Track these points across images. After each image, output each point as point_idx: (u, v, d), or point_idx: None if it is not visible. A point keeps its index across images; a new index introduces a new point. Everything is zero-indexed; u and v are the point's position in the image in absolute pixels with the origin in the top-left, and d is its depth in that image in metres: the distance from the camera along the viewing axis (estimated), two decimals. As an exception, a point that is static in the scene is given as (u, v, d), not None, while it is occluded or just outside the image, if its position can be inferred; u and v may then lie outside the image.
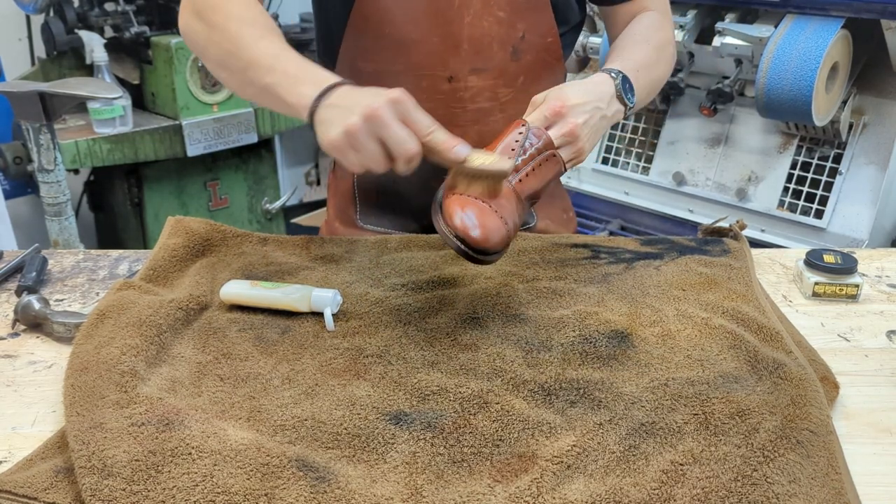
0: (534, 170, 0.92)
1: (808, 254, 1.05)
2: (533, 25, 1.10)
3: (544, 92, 0.98)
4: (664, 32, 1.16)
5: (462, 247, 0.83)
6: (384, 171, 0.84)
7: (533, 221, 1.23)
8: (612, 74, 1.01)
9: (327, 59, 1.15)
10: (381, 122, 0.81)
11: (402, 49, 1.07)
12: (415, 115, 0.83)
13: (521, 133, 0.92)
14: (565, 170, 0.95)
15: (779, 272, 1.11)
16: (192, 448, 0.68)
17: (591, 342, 0.87)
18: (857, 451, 0.74)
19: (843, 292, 1.02)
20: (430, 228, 1.14)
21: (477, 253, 0.84)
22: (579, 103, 0.95)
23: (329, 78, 0.89)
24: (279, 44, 0.95)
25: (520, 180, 0.91)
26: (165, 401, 0.75)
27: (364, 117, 0.81)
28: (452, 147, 0.83)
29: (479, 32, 1.07)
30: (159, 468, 0.66)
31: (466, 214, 0.83)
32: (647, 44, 1.12)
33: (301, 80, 0.90)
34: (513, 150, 0.91)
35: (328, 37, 1.14)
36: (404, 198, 1.18)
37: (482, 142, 0.96)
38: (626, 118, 1.03)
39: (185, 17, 1.05)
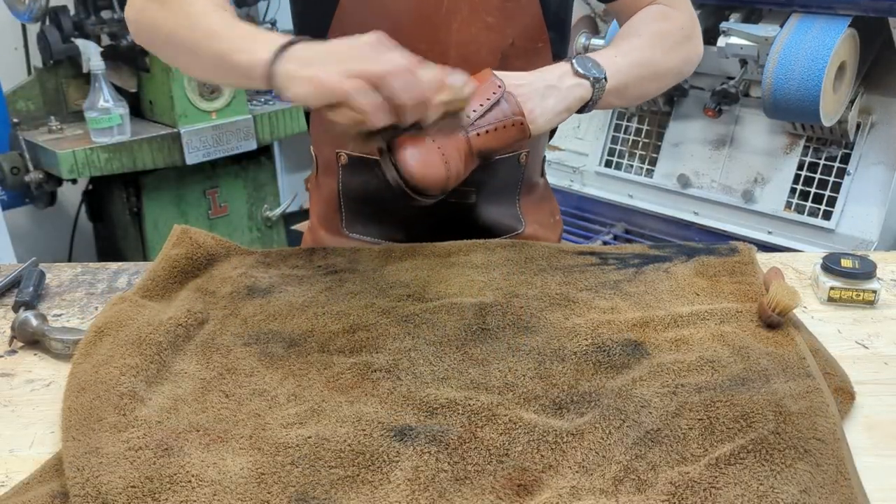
0: (496, 129, 0.92)
1: (824, 258, 1.03)
2: (523, 31, 1.07)
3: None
4: (667, 22, 1.12)
5: (398, 179, 0.85)
6: (381, 122, 0.80)
7: (521, 227, 1.20)
8: (567, 59, 1.00)
9: None
10: (367, 54, 0.79)
11: None
12: (397, 51, 0.81)
13: (494, 94, 0.92)
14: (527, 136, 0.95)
15: (792, 277, 1.09)
16: (192, 476, 0.66)
17: (604, 351, 0.85)
18: (880, 463, 0.72)
19: (861, 297, 1.00)
20: (417, 237, 1.12)
21: (411, 189, 0.86)
22: (519, 75, 0.95)
23: (282, 37, 0.85)
24: (229, 15, 0.93)
25: (477, 134, 0.91)
26: (165, 424, 0.73)
27: (351, 55, 0.79)
28: (445, 77, 0.83)
29: (467, 39, 1.05)
30: (156, 496, 0.64)
31: (409, 150, 0.85)
32: (637, 34, 1.09)
33: (256, 39, 0.86)
34: (480, 104, 0.91)
35: None
36: (390, 205, 1.15)
37: None
38: (602, 97, 1.00)
39: (132, 4, 1.03)
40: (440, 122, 0.86)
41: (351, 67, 0.78)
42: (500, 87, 0.93)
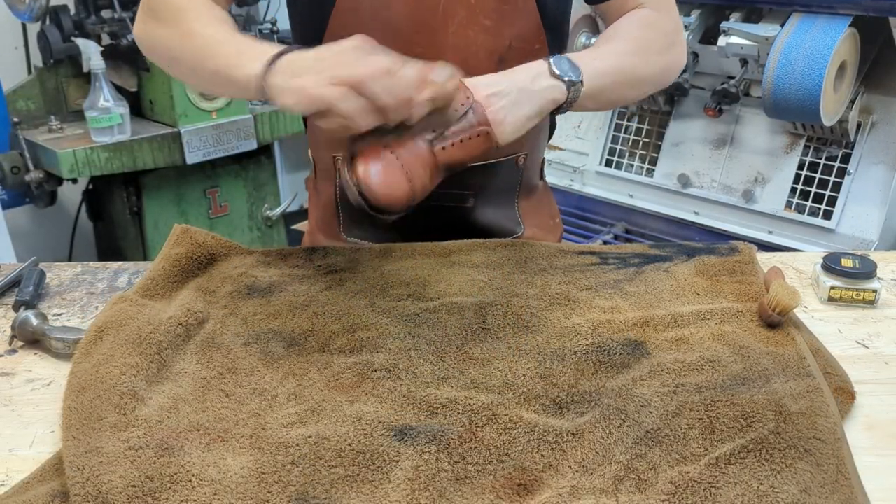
0: (462, 142, 0.91)
1: (825, 258, 1.03)
2: (520, 33, 1.07)
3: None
4: (650, 29, 1.11)
5: (360, 199, 0.85)
6: (368, 125, 0.82)
7: (520, 230, 1.20)
8: (547, 58, 0.99)
9: None
10: (351, 59, 0.81)
11: None
12: (381, 54, 0.82)
13: (462, 104, 0.91)
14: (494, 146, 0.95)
15: (792, 277, 1.09)
16: (193, 475, 0.66)
17: (604, 350, 0.85)
18: (880, 463, 0.72)
19: (861, 297, 1.00)
20: (415, 242, 1.12)
21: (371, 207, 0.86)
22: (491, 80, 0.95)
23: (274, 48, 0.88)
24: (225, 28, 0.95)
25: (443, 147, 0.90)
26: (165, 424, 0.73)
27: (335, 62, 0.81)
28: (429, 74, 0.83)
29: (465, 42, 1.04)
30: (156, 495, 0.64)
31: (371, 167, 0.84)
32: (618, 38, 1.09)
33: (247, 54, 0.89)
34: (454, 110, 0.90)
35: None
36: None
37: None
38: (577, 100, 0.99)
39: (139, 23, 1.05)
40: (428, 118, 0.86)
41: (334, 74, 0.80)
42: (468, 97, 0.92)
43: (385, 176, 0.84)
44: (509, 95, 0.94)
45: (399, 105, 0.82)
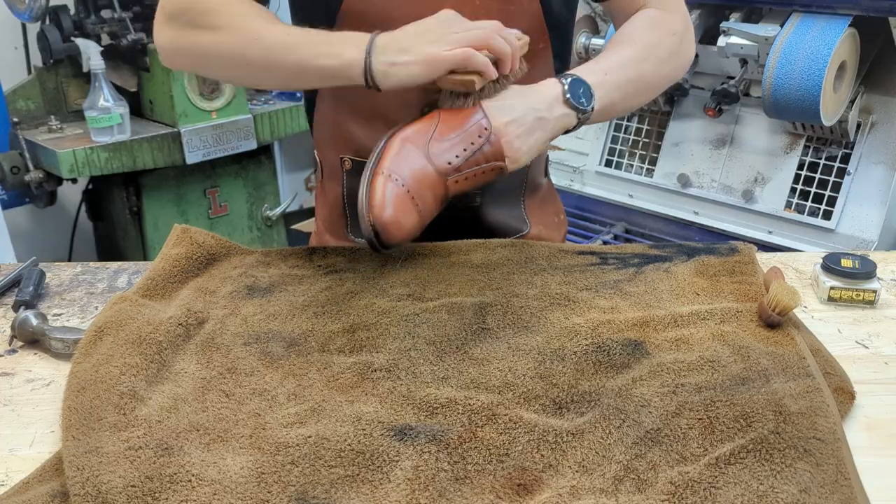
0: (475, 175, 0.93)
1: (825, 258, 1.03)
2: (524, 32, 1.07)
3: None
4: (659, 30, 1.10)
5: (373, 238, 0.88)
6: (493, 75, 0.93)
7: (526, 229, 1.20)
8: (563, 80, 0.98)
9: None
10: (458, 26, 0.92)
11: None
12: (471, 18, 0.94)
13: (480, 137, 0.92)
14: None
15: (792, 277, 1.09)
16: (192, 475, 0.66)
17: (604, 350, 0.85)
18: (880, 463, 0.72)
19: (861, 297, 1.00)
20: (422, 241, 1.11)
21: (382, 245, 0.89)
22: (507, 104, 0.96)
23: (359, 35, 0.94)
24: (295, 27, 1.00)
25: (456, 181, 0.92)
26: (165, 424, 0.73)
27: (444, 31, 0.91)
28: (517, 33, 0.97)
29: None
30: (156, 495, 0.64)
31: (388, 211, 0.87)
32: (630, 43, 1.08)
33: (335, 43, 0.95)
34: (464, 149, 0.91)
35: None
36: None
37: None
38: (586, 122, 1.00)
39: (169, 33, 1.04)
40: (453, 98, 0.93)
41: (451, 39, 0.91)
42: (486, 129, 0.92)
43: (398, 215, 0.87)
44: (525, 124, 0.95)
45: (513, 54, 0.93)
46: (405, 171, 0.89)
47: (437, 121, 0.93)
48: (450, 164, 0.91)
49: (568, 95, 0.97)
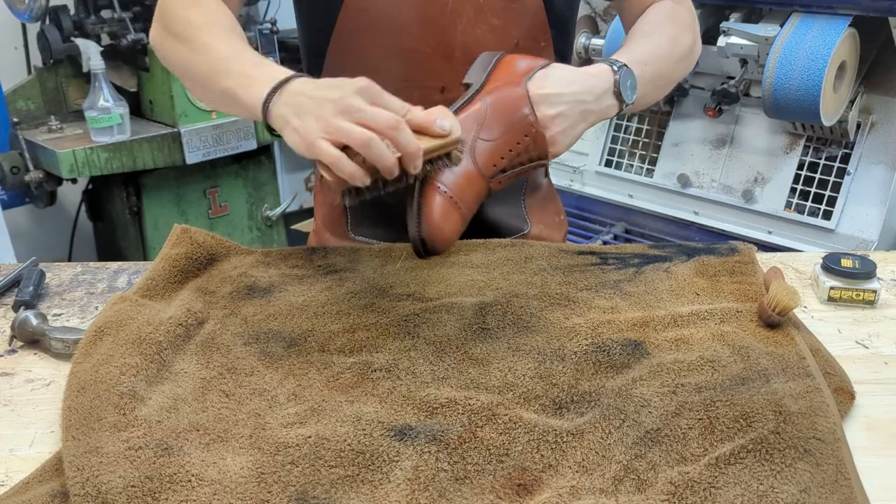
0: (518, 174, 0.91)
1: (824, 258, 1.03)
2: (527, 31, 1.07)
3: (530, 65, 0.95)
4: (678, 24, 1.10)
5: (421, 248, 0.86)
6: (364, 183, 0.79)
7: (527, 228, 1.20)
8: (615, 67, 0.95)
9: (314, 73, 1.12)
10: (354, 108, 0.78)
11: (392, 59, 1.05)
12: (386, 99, 0.80)
13: (526, 136, 0.90)
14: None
15: (792, 277, 1.09)
16: (192, 475, 0.66)
17: (604, 350, 0.85)
18: (880, 463, 0.72)
19: (861, 297, 1.00)
20: None
21: (427, 252, 0.87)
22: (554, 93, 0.91)
23: (281, 73, 0.86)
24: (237, 45, 0.94)
25: (500, 181, 0.90)
26: (165, 424, 0.72)
27: (337, 109, 0.78)
28: (434, 122, 0.81)
29: (472, 41, 1.04)
30: (156, 495, 0.64)
31: (437, 219, 0.85)
32: (658, 34, 1.07)
33: (255, 77, 0.87)
34: (510, 150, 0.89)
35: (313, 50, 1.12)
36: (395, 207, 1.15)
37: None
38: (623, 115, 0.98)
39: (154, 33, 1.05)
40: (431, 165, 0.84)
41: (335, 127, 0.78)
42: (532, 125, 0.89)
43: (445, 223, 0.85)
44: (572, 117, 0.92)
45: (404, 160, 0.79)
46: (448, 178, 0.86)
47: (485, 107, 0.91)
48: (495, 166, 0.89)
49: (619, 87, 0.95)
